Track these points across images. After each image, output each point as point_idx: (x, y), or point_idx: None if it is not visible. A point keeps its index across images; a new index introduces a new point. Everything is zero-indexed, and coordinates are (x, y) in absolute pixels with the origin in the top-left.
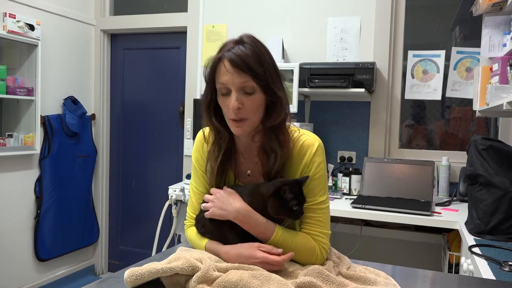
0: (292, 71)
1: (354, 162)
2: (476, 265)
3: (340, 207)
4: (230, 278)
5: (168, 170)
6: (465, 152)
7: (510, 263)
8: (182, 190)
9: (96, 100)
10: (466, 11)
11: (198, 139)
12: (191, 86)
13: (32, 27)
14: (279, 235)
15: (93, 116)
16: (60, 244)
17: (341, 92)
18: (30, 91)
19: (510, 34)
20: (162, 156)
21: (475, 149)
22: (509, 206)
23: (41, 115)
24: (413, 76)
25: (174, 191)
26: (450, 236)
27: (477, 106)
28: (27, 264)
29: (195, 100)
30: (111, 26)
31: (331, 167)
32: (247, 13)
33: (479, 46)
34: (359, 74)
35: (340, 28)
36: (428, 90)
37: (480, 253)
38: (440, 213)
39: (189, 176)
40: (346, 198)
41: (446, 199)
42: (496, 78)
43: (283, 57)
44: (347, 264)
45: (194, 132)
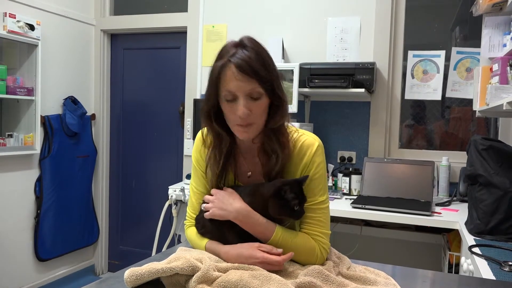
0: (292, 71)
1: (354, 162)
2: (476, 265)
3: (340, 207)
4: (230, 278)
5: (168, 170)
6: (465, 152)
7: (510, 263)
8: (182, 190)
9: (96, 100)
10: (466, 11)
11: (198, 139)
12: (191, 86)
13: (32, 27)
14: (279, 235)
15: (93, 116)
16: (60, 244)
17: (341, 92)
18: (30, 91)
19: (510, 34)
20: (162, 156)
21: (475, 149)
22: (509, 206)
23: (41, 115)
24: (413, 76)
25: (174, 191)
26: (450, 236)
27: (477, 106)
28: (27, 264)
29: (195, 100)
30: (111, 26)
31: (331, 167)
32: (247, 13)
33: (479, 46)
34: (359, 74)
35: (340, 28)
36: (428, 90)
37: (480, 253)
38: (440, 213)
39: (189, 176)
40: (346, 198)
41: (446, 199)
42: (496, 78)
43: (283, 57)
44: (347, 264)
45: (194, 132)
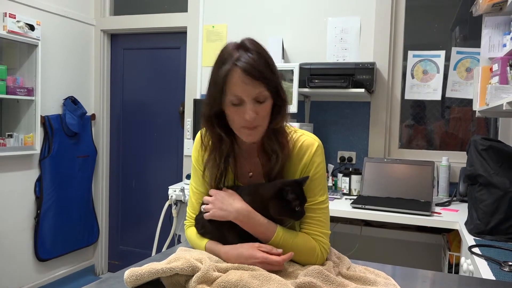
0: (292, 71)
1: (354, 162)
2: (476, 265)
3: (340, 207)
4: (230, 278)
5: (168, 170)
6: (465, 152)
7: (510, 263)
8: (182, 190)
9: (96, 100)
10: (466, 11)
11: (198, 139)
12: (191, 86)
13: (32, 27)
14: (280, 236)
15: (93, 116)
16: (60, 244)
17: (341, 92)
18: (30, 91)
19: (510, 35)
20: (162, 156)
21: (475, 149)
22: (509, 206)
23: (41, 115)
24: (413, 76)
25: (174, 191)
26: (450, 236)
27: (477, 106)
28: (27, 264)
29: (195, 100)
30: (111, 26)
31: (331, 167)
32: (247, 13)
33: (479, 46)
34: (359, 74)
35: (340, 28)
36: (428, 90)
37: (480, 253)
38: (440, 213)
39: (189, 176)
40: (346, 198)
41: (446, 199)
42: (496, 79)
43: (283, 57)
44: (347, 264)
45: (194, 132)
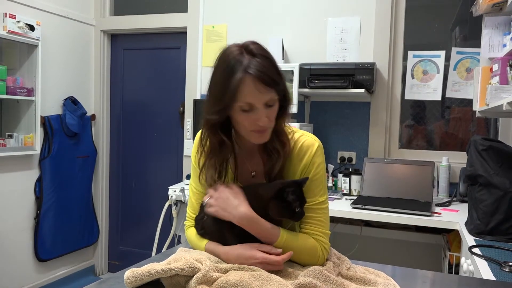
0: (292, 72)
1: (354, 162)
2: (476, 265)
3: (340, 207)
4: (230, 279)
5: (168, 170)
6: (465, 152)
7: (510, 264)
8: (182, 190)
9: (96, 101)
10: (466, 11)
11: (198, 139)
12: (191, 86)
13: (32, 28)
14: (284, 239)
15: (93, 117)
16: (60, 245)
17: (341, 93)
18: (30, 92)
19: (510, 35)
20: (162, 157)
21: (475, 149)
22: (509, 206)
23: (41, 116)
24: (413, 77)
25: (174, 192)
26: (450, 236)
27: (477, 107)
28: (27, 264)
29: (195, 101)
30: (111, 26)
31: (331, 167)
32: (247, 13)
33: (479, 46)
34: (359, 75)
35: (340, 29)
36: (428, 90)
37: (480, 253)
38: (440, 213)
39: (189, 177)
40: (346, 199)
41: (446, 200)
42: (496, 79)
43: (283, 57)
44: (347, 264)
45: (194, 132)
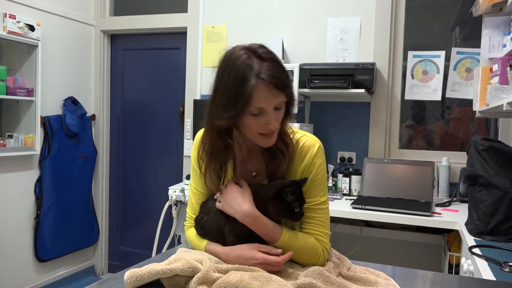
0: (292, 72)
1: (354, 162)
2: (476, 265)
3: (340, 207)
4: (230, 279)
5: (168, 170)
6: (465, 152)
7: (510, 264)
8: (182, 190)
9: (96, 101)
10: (466, 11)
11: (198, 140)
12: (191, 86)
13: (32, 28)
14: (286, 238)
15: (93, 117)
16: (60, 245)
17: (341, 93)
18: (30, 92)
19: (510, 35)
20: (162, 157)
21: (475, 149)
22: (509, 206)
23: (41, 116)
24: (413, 77)
25: (174, 192)
26: (450, 236)
27: (477, 107)
28: (27, 264)
29: (195, 101)
30: (111, 26)
31: (331, 167)
32: (247, 13)
33: (479, 46)
34: (359, 75)
35: (340, 29)
36: (428, 90)
37: (480, 253)
38: (440, 213)
39: (189, 177)
40: (346, 199)
41: (446, 200)
42: (496, 79)
43: (283, 57)
44: (348, 265)
45: (194, 132)
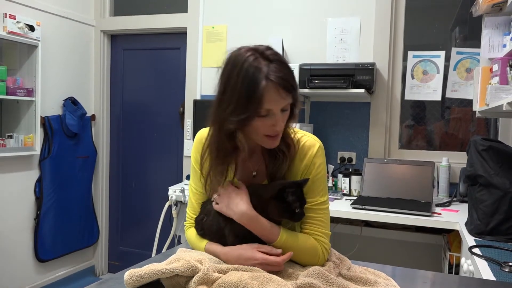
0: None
1: (354, 162)
2: (476, 265)
3: (340, 207)
4: (230, 279)
5: (168, 171)
6: (465, 152)
7: (510, 264)
8: (182, 191)
9: (96, 101)
10: (466, 11)
11: (197, 140)
12: (191, 86)
13: (32, 28)
14: (284, 238)
15: (93, 117)
16: (60, 245)
17: (341, 93)
18: (30, 92)
19: (510, 35)
20: (162, 157)
21: (475, 149)
22: (509, 206)
23: (41, 116)
24: (413, 77)
25: (174, 192)
26: (450, 236)
27: (477, 107)
28: (27, 265)
29: (195, 101)
30: (111, 27)
31: (331, 167)
32: (247, 13)
33: (479, 46)
34: (359, 75)
35: (340, 29)
36: (428, 90)
37: (480, 253)
38: (440, 213)
39: (189, 177)
40: (346, 199)
41: (446, 200)
42: (496, 79)
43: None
44: (347, 265)
45: (194, 133)
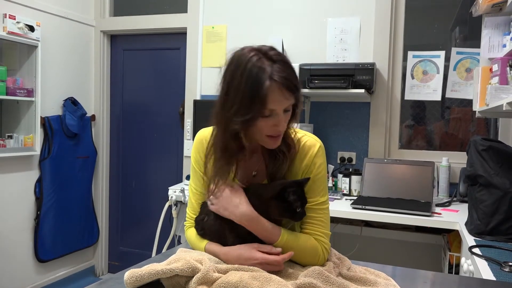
0: None
1: (354, 162)
2: (476, 265)
3: (340, 207)
4: (230, 279)
5: (168, 171)
6: (465, 152)
7: (510, 264)
8: (182, 191)
9: (96, 101)
10: (466, 11)
11: (197, 140)
12: (191, 87)
13: (32, 28)
14: (284, 239)
15: (93, 117)
16: (60, 245)
17: (341, 93)
18: (30, 92)
19: (509, 35)
20: (162, 157)
21: (475, 149)
22: (509, 206)
23: (41, 116)
24: (413, 77)
25: (174, 192)
26: (450, 236)
27: (477, 107)
28: (27, 265)
29: (195, 101)
30: (111, 27)
31: (331, 167)
32: (247, 13)
33: (478, 46)
34: (359, 75)
35: (340, 29)
36: (428, 90)
37: (480, 253)
38: (440, 213)
39: (189, 177)
40: (346, 199)
41: (446, 200)
42: (496, 79)
43: None
44: (348, 265)
45: (194, 133)
